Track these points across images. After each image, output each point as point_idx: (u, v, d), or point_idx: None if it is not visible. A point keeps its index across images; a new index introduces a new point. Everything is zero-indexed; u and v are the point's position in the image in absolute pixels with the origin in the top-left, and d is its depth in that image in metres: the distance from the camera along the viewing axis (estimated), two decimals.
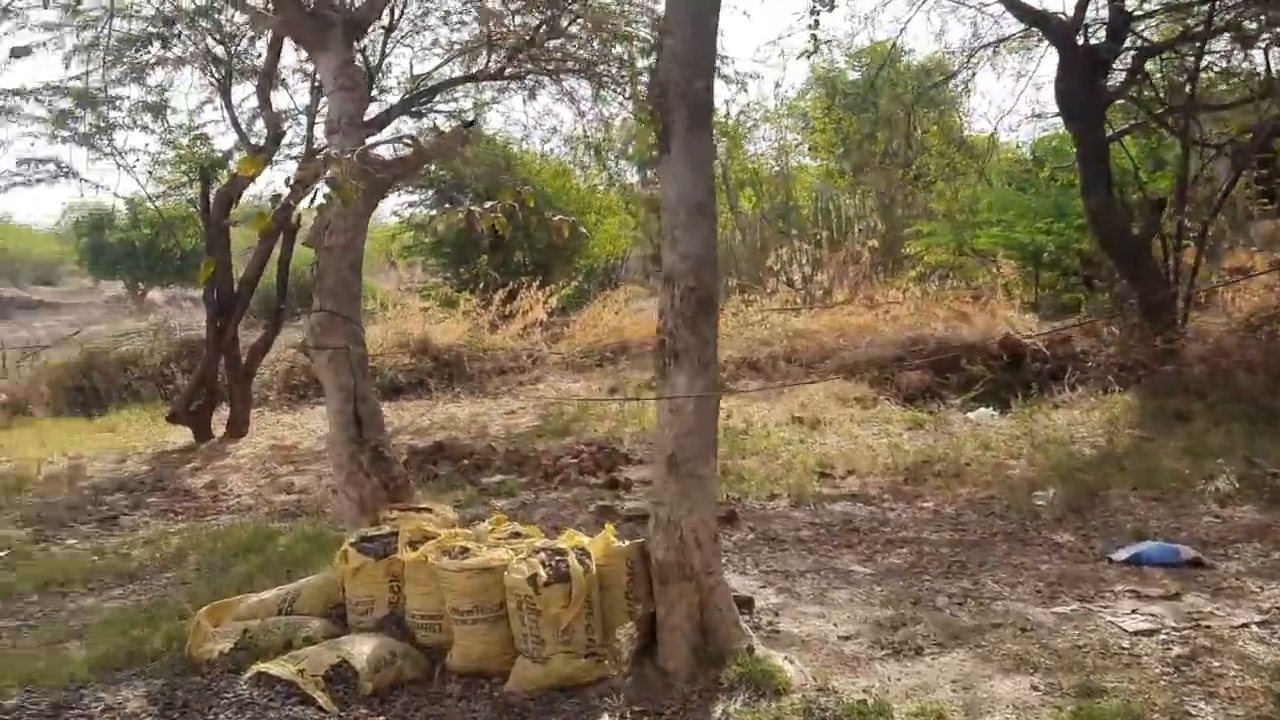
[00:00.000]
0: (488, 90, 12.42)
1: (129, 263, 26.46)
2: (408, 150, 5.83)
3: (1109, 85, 11.13)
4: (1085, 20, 11.00)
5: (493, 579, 4.20)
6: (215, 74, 10.89)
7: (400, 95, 11.67)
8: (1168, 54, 11.89)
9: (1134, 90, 11.58)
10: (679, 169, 4.21)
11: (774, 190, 22.97)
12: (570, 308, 16.87)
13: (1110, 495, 6.92)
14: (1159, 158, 13.89)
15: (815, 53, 10.79)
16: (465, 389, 13.39)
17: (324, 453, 9.27)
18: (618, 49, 11.30)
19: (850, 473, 7.97)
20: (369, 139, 6.07)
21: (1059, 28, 10.99)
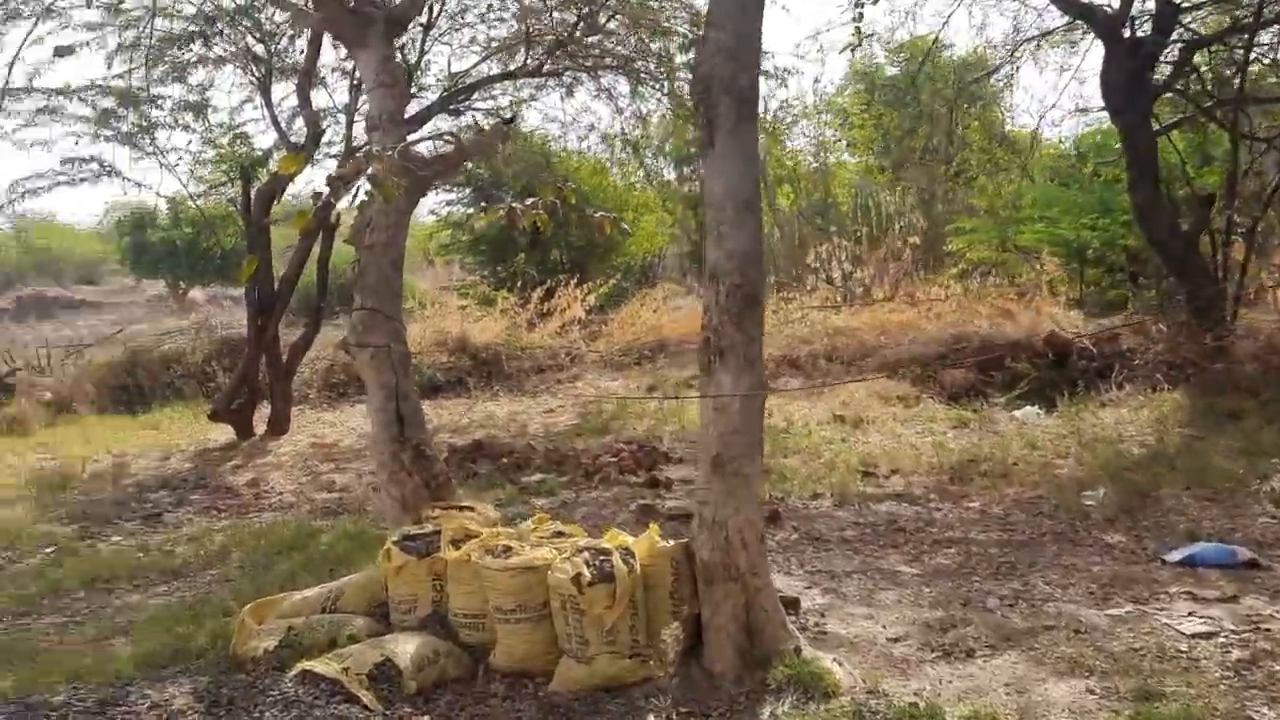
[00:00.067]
0: (525, 87, 12.43)
1: (170, 261, 26.65)
2: (449, 147, 5.79)
3: (1156, 79, 10.94)
4: (1132, 12, 10.82)
5: (536, 578, 4.17)
6: (255, 73, 10.94)
7: (439, 93, 11.68)
8: (1216, 46, 11.67)
9: (1181, 83, 11.35)
10: (724, 164, 4.13)
11: (812, 187, 22.79)
12: (608, 306, 16.83)
13: (1162, 495, 6.77)
14: (1207, 152, 13.59)
15: (859, 47, 10.70)
16: (504, 387, 13.41)
17: (364, 451, 9.31)
18: (655, 45, 11.28)
19: (894, 472, 7.87)
20: (409, 136, 6.05)
21: (1105, 20, 10.80)
